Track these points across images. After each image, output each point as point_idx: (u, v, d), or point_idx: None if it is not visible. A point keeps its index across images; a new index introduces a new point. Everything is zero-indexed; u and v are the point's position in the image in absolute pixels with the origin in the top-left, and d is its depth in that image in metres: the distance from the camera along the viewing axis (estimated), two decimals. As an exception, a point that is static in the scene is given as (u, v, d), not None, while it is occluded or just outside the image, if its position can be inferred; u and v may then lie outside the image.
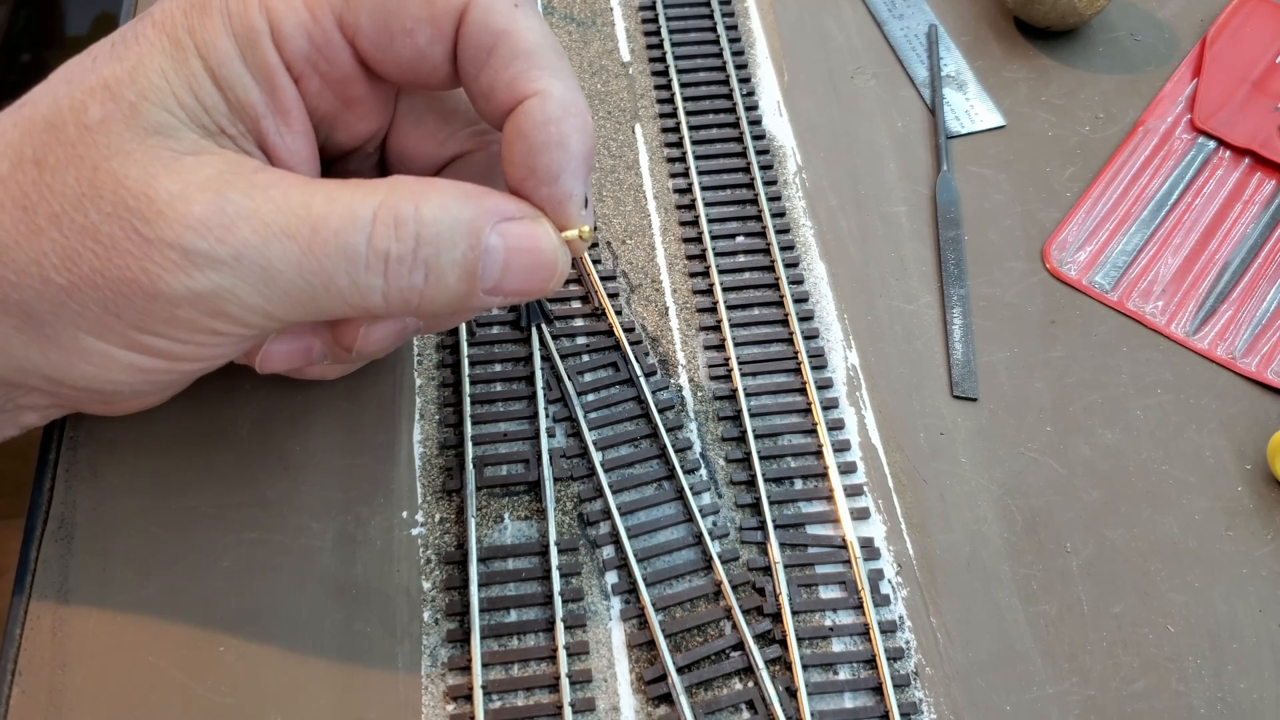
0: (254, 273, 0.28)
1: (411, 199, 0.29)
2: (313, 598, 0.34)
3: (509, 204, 0.30)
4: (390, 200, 0.29)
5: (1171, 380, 0.40)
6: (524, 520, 0.36)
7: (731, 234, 0.43)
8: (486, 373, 0.39)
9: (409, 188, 0.29)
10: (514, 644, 0.34)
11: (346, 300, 0.29)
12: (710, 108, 0.47)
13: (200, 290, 0.28)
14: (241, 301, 0.28)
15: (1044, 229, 0.44)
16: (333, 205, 0.28)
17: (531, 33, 0.29)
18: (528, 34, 0.29)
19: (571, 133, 0.30)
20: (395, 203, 0.29)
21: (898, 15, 0.51)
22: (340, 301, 0.29)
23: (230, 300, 0.28)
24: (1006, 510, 0.37)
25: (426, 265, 0.29)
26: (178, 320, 0.28)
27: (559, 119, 0.29)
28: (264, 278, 0.28)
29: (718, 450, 0.38)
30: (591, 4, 0.51)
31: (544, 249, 0.30)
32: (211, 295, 0.28)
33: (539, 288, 0.31)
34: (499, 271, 0.30)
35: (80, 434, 0.37)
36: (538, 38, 0.30)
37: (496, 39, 0.29)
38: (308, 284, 0.28)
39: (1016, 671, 0.34)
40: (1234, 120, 0.47)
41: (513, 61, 0.29)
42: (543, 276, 0.31)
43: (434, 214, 0.29)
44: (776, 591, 0.35)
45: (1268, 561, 0.36)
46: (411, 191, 0.29)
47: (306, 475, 0.37)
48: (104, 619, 0.34)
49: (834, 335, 0.41)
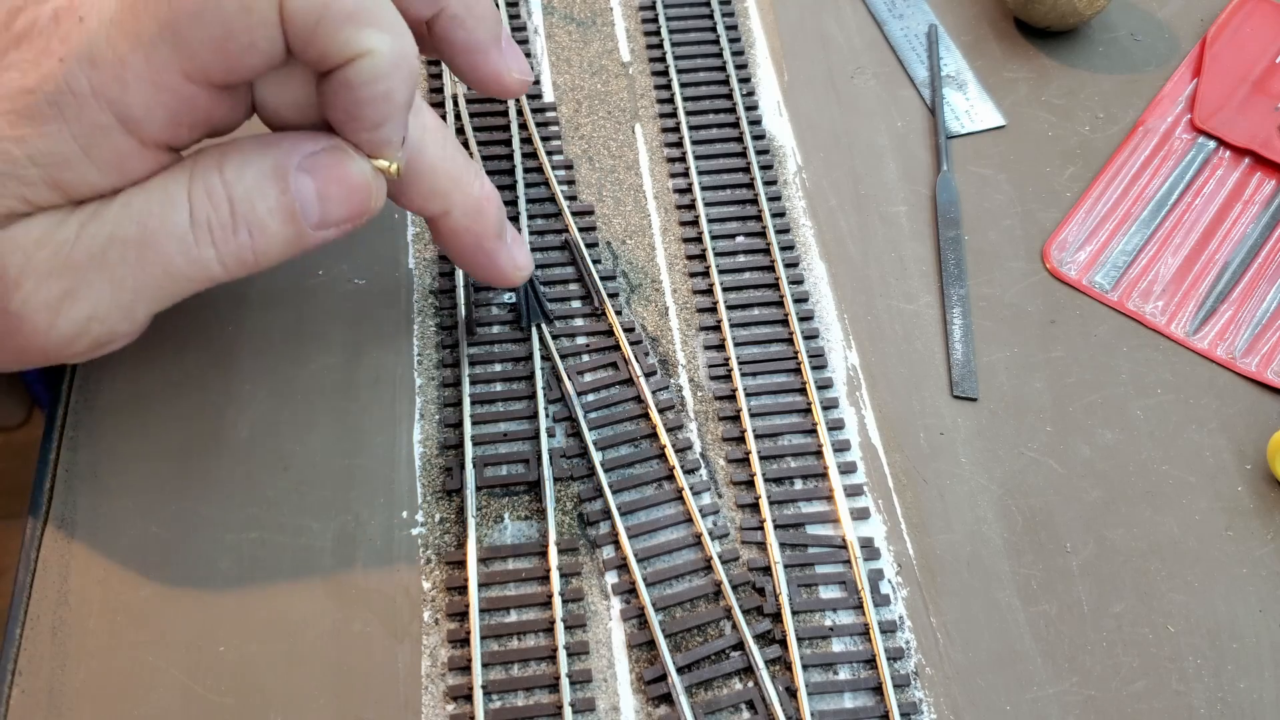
0: (106, 288, 0.30)
1: (215, 165, 0.30)
2: (313, 598, 0.34)
3: (306, 139, 0.31)
4: (196, 172, 0.30)
5: (1171, 380, 0.40)
6: (524, 520, 0.36)
7: (731, 234, 0.43)
8: (486, 373, 0.39)
9: (210, 155, 0.31)
10: (514, 644, 0.34)
11: (190, 277, 0.31)
12: (710, 108, 0.47)
13: (74, 325, 0.30)
14: (109, 317, 0.31)
15: (1044, 229, 0.44)
16: (149, 195, 0.30)
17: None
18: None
19: (399, 85, 0.30)
20: (201, 173, 0.30)
21: (898, 15, 0.51)
22: (186, 280, 0.31)
23: (101, 320, 0.31)
24: (1006, 510, 0.37)
25: (247, 222, 0.31)
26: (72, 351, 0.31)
27: (388, 74, 0.29)
28: (115, 287, 0.30)
29: (718, 450, 0.38)
30: (591, 4, 0.51)
31: (353, 173, 0.31)
32: (84, 323, 0.30)
33: (361, 210, 0.32)
34: (317, 204, 0.31)
35: (80, 434, 0.37)
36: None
37: (318, 13, 0.28)
38: (151, 276, 0.30)
39: (1016, 671, 0.34)
40: (1234, 120, 0.47)
41: (338, 30, 0.28)
42: (361, 199, 0.32)
43: (235, 172, 0.30)
44: (776, 591, 0.35)
45: (1268, 561, 0.36)
46: (213, 158, 0.30)
47: (306, 475, 0.37)
48: (104, 619, 0.34)
49: (834, 335, 0.41)
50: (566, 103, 0.47)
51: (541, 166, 0.44)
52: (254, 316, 0.40)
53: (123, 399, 0.38)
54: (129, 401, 0.38)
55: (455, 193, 0.34)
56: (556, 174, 0.44)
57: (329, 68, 0.29)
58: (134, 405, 0.38)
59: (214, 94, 0.30)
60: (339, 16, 0.28)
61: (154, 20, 0.28)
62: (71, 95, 0.28)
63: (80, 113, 0.28)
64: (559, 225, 0.43)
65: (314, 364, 0.39)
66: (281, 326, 0.40)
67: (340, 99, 0.30)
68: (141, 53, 0.28)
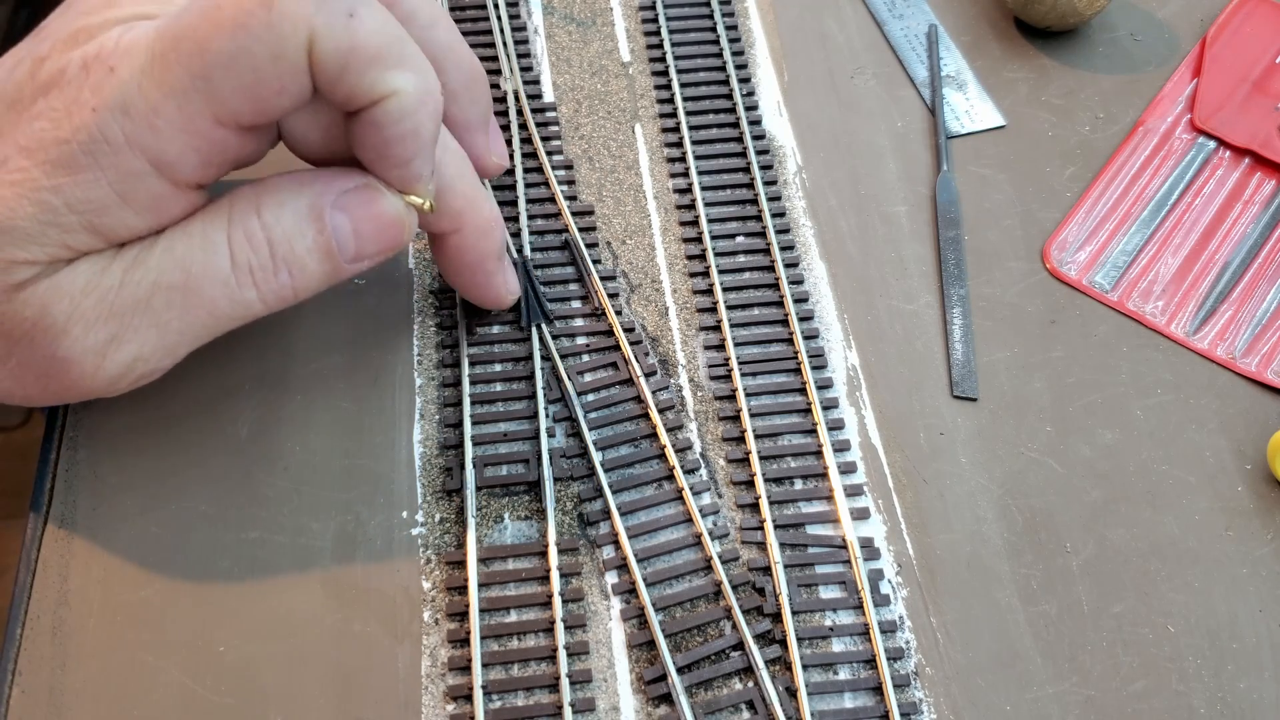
0: (152, 332, 0.31)
1: (252, 208, 0.31)
2: (312, 598, 0.34)
3: (339, 177, 0.32)
4: (235, 216, 0.31)
5: (1171, 380, 0.40)
6: (524, 520, 0.36)
7: (731, 234, 0.43)
8: (486, 373, 0.39)
9: (246, 198, 0.32)
10: (514, 644, 0.34)
11: (232, 316, 0.32)
12: (710, 108, 0.47)
13: (120, 366, 0.32)
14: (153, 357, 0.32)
15: (1044, 229, 0.44)
16: (190, 241, 0.31)
17: (373, 37, 0.29)
18: (369, 40, 0.29)
19: (425, 122, 0.31)
20: (239, 217, 0.31)
21: (898, 15, 0.51)
22: (227, 320, 0.32)
23: (145, 360, 0.32)
24: (1006, 510, 0.37)
25: (287, 263, 0.32)
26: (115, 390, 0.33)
27: (414, 112, 0.30)
28: (161, 330, 0.31)
29: (718, 450, 0.38)
30: (591, 4, 0.51)
31: (387, 210, 0.33)
32: (130, 364, 0.32)
33: (395, 244, 0.33)
34: (353, 241, 0.32)
35: (80, 434, 0.37)
36: (380, 39, 0.29)
37: (345, 58, 0.29)
38: (196, 318, 0.32)
39: (1016, 671, 0.34)
40: (1234, 120, 0.47)
41: (365, 72, 0.29)
42: (394, 234, 0.33)
43: (273, 214, 0.31)
44: (776, 591, 0.35)
45: (1268, 561, 0.36)
46: (249, 201, 0.31)
47: (306, 475, 0.37)
48: (104, 619, 0.34)
49: (834, 335, 0.41)
50: (566, 103, 0.47)
51: (541, 166, 0.44)
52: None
53: (122, 399, 0.38)
54: (129, 402, 0.38)
55: (468, 212, 0.35)
56: (556, 174, 0.44)
57: (356, 108, 0.30)
58: (133, 405, 0.38)
59: (243, 134, 0.31)
60: (365, 59, 0.29)
61: (186, 70, 0.29)
62: (106, 144, 0.29)
63: (115, 160, 0.29)
64: (559, 225, 0.43)
65: (314, 364, 0.39)
66: (281, 326, 0.40)
67: (369, 138, 0.31)
68: (174, 101, 0.29)
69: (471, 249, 0.36)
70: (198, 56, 0.28)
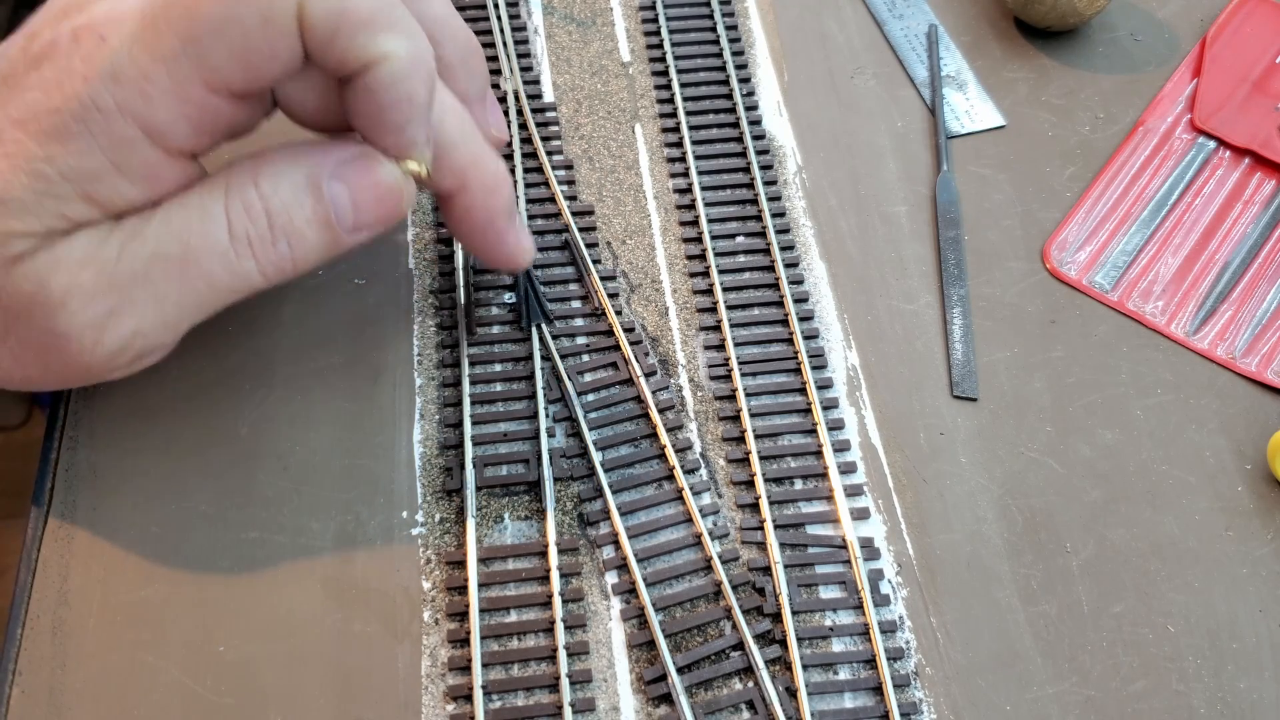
0: (150, 305, 0.31)
1: (250, 179, 0.31)
2: (313, 598, 0.34)
3: (336, 147, 0.32)
4: (232, 187, 0.31)
5: (1171, 380, 0.40)
6: (524, 520, 0.36)
7: (731, 234, 0.43)
8: (486, 373, 0.39)
9: (244, 169, 0.31)
10: (514, 644, 0.34)
11: (232, 288, 0.32)
12: (710, 108, 0.47)
13: (119, 341, 0.31)
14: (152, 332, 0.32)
15: (1044, 229, 0.44)
16: (188, 213, 0.31)
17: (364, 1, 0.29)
18: (360, 4, 0.29)
19: (418, 86, 0.30)
20: (237, 188, 0.31)
21: (898, 15, 0.51)
22: (228, 292, 0.32)
23: (145, 335, 0.32)
24: (1006, 510, 0.37)
25: (286, 233, 0.32)
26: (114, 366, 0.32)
27: (406, 76, 0.30)
28: (159, 303, 0.31)
29: (718, 450, 0.38)
30: (591, 4, 0.51)
31: (384, 179, 0.32)
32: (128, 338, 0.31)
33: (393, 212, 0.33)
34: (351, 211, 0.32)
35: (80, 434, 0.37)
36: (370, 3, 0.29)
37: (335, 21, 0.29)
38: (194, 291, 0.31)
39: (1016, 671, 0.34)
40: (1234, 120, 0.47)
41: (355, 36, 0.29)
42: (392, 202, 0.33)
43: (271, 185, 0.31)
44: (776, 591, 0.35)
45: (1268, 561, 0.36)
46: (247, 172, 0.31)
47: (306, 475, 0.37)
48: (104, 619, 0.34)
49: (834, 335, 0.41)
50: (566, 103, 0.47)
51: (541, 166, 0.44)
52: (254, 317, 0.40)
53: (122, 399, 0.38)
54: (129, 401, 0.38)
55: (472, 169, 0.35)
56: (556, 174, 0.44)
57: (348, 73, 0.30)
58: (134, 405, 0.38)
59: (235, 101, 0.31)
60: (355, 23, 0.29)
61: (176, 36, 0.29)
62: (98, 111, 0.29)
63: (107, 128, 0.29)
64: (559, 225, 0.43)
65: (314, 364, 0.39)
66: (281, 326, 0.40)
67: (363, 105, 0.31)
68: (164, 67, 0.29)
69: (480, 208, 0.35)
70: (187, 21, 0.28)
